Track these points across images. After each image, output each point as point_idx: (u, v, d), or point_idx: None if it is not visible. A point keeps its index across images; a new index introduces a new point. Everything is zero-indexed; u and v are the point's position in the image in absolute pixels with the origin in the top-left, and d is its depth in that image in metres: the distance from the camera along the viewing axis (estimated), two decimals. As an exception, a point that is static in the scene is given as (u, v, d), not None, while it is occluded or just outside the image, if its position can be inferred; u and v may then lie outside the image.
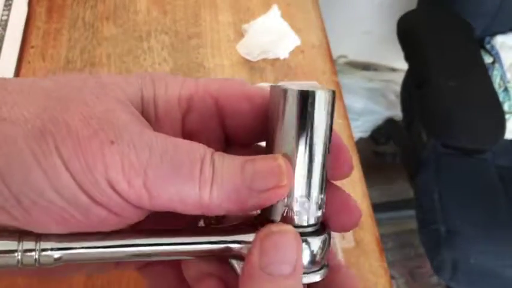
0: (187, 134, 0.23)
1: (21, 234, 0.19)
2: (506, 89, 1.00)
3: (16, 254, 0.18)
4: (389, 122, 1.42)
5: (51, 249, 0.19)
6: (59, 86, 0.20)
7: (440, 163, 0.96)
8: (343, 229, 0.23)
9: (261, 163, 0.20)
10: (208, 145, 0.20)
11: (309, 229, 0.21)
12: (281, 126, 0.20)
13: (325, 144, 0.20)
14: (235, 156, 0.20)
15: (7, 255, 0.18)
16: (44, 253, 0.19)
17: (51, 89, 0.19)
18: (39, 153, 0.17)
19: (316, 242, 0.21)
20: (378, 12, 1.36)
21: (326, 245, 0.21)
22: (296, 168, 0.20)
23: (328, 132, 0.21)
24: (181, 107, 0.22)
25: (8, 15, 0.63)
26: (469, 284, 0.93)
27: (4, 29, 0.62)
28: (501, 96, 0.98)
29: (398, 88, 1.27)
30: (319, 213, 0.21)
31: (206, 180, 0.19)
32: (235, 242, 0.21)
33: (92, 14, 0.66)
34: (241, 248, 0.21)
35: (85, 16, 0.66)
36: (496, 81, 1.01)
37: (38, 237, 0.19)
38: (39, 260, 0.19)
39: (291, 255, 0.19)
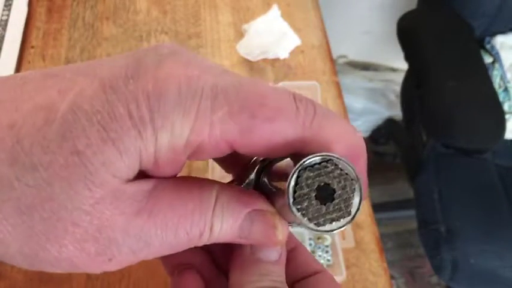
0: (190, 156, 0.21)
1: None
2: (506, 89, 1.00)
3: None
4: (389, 122, 1.42)
5: None
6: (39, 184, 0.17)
7: (440, 163, 0.96)
8: None
9: (259, 227, 0.20)
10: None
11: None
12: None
13: None
14: (237, 203, 0.20)
15: None
16: None
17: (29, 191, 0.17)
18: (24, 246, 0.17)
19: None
20: (377, 12, 1.36)
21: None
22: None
23: None
24: (187, 151, 0.19)
25: (8, 15, 0.63)
26: (468, 284, 0.93)
27: (4, 29, 0.62)
28: (501, 96, 0.98)
29: (398, 88, 1.27)
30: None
31: (203, 241, 0.20)
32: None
33: (92, 14, 0.66)
34: None
35: (85, 16, 0.66)
36: (496, 81, 1.01)
37: None
38: None
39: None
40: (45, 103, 0.17)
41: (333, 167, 0.18)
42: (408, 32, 0.99)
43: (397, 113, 1.37)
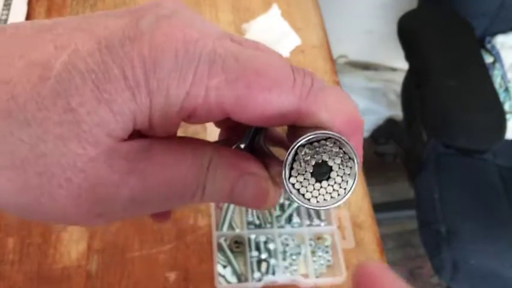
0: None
1: None
2: (506, 89, 1.00)
3: None
4: (390, 121, 1.42)
5: None
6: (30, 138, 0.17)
7: (441, 163, 0.96)
8: None
9: (250, 191, 0.20)
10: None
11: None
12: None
13: None
14: (230, 165, 0.20)
15: None
16: None
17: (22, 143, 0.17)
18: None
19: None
20: (378, 12, 1.36)
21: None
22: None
23: None
24: (181, 115, 0.19)
25: (7, 15, 0.63)
26: (469, 284, 0.93)
27: (3, 28, 0.61)
28: (502, 96, 0.98)
29: (398, 88, 1.27)
30: None
31: (195, 201, 0.20)
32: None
33: (92, 13, 0.66)
34: None
35: (85, 15, 0.66)
36: (497, 81, 1.00)
37: None
38: None
39: None
40: (40, 59, 0.17)
41: (331, 145, 0.18)
42: (409, 31, 0.99)
43: (397, 112, 1.36)
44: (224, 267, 0.52)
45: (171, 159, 0.19)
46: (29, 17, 0.64)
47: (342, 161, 0.18)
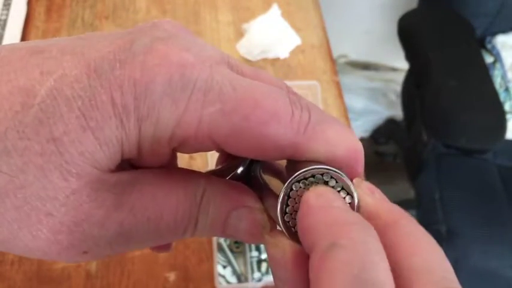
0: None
1: None
2: (507, 89, 1.00)
3: None
4: (390, 121, 1.42)
5: None
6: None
7: (441, 163, 0.96)
8: None
9: (244, 225, 0.19)
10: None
11: None
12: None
13: None
14: (224, 196, 0.19)
15: None
16: None
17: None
18: None
19: None
20: (378, 11, 1.36)
21: None
22: None
23: None
24: (172, 144, 0.18)
25: (7, 15, 0.63)
26: (469, 284, 0.93)
27: (3, 28, 0.61)
28: (502, 96, 0.98)
29: (398, 88, 1.27)
30: None
31: (187, 236, 0.19)
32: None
33: (91, 14, 0.66)
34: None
35: (84, 15, 0.66)
36: (497, 81, 1.00)
37: None
38: None
39: None
40: (24, 86, 0.16)
41: (328, 180, 0.17)
42: (409, 31, 0.99)
43: (397, 112, 1.36)
44: (224, 267, 0.52)
45: (162, 192, 0.18)
46: (28, 17, 0.64)
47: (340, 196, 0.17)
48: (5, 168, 0.15)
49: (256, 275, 0.51)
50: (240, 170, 0.22)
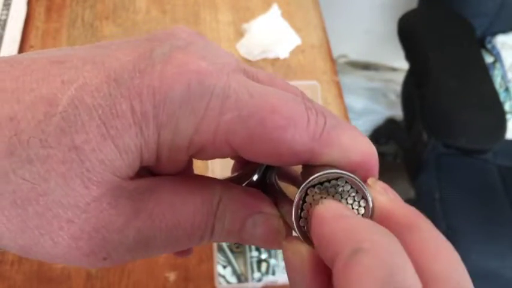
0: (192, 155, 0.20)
1: None
2: (507, 89, 1.00)
3: None
4: (390, 121, 1.42)
5: None
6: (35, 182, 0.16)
7: (441, 163, 0.96)
8: None
9: (260, 231, 0.19)
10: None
11: None
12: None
13: None
14: (240, 204, 0.19)
15: None
16: None
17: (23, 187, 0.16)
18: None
19: None
20: (378, 11, 1.36)
21: None
22: None
23: None
24: (190, 152, 0.18)
25: (7, 15, 0.63)
26: (469, 284, 0.92)
27: (3, 28, 0.61)
28: (502, 96, 0.98)
29: (398, 88, 1.27)
30: None
31: (204, 242, 0.19)
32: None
33: (91, 14, 0.66)
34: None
35: (84, 15, 0.66)
36: (497, 81, 1.00)
37: None
38: None
39: None
40: (47, 95, 0.16)
41: (343, 184, 0.17)
42: (409, 31, 0.99)
43: (397, 112, 1.36)
44: (224, 267, 0.52)
45: (179, 199, 0.18)
46: (28, 17, 0.64)
47: (354, 200, 0.17)
48: (28, 176, 0.16)
49: (256, 275, 0.51)
50: (255, 177, 0.22)
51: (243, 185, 0.22)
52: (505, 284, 0.90)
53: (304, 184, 0.17)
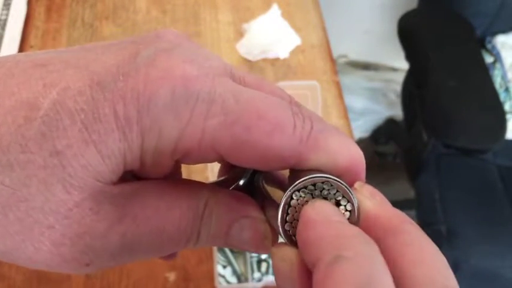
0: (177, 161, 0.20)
1: None
2: (507, 89, 1.00)
3: None
4: (390, 121, 1.42)
5: None
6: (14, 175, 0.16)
7: (441, 163, 0.96)
8: None
9: (247, 235, 0.19)
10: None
11: None
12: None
13: None
14: (227, 208, 0.19)
15: None
16: None
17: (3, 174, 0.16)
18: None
19: None
20: (378, 11, 1.36)
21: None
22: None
23: None
24: (174, 157, 0.18)
25: (7, 15, 0.63)
26: (469, 284, 0.93)
27: (3, 28, 0.61)
28: (502, 96, 0.98)
29: (398, 88, 1.27)
30: None
31: (190, 247, 0.19)
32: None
33: (92, 14, 0.66)
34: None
35: (84, 16, 0.66)
36: (497, 81, 1.00)
37: None
38: None
39: None
40: (27, 99, 0.16)
41: (328, 189, 0.17)
42: (409, 31, 0.99)
43: (397, 112, 1.36)
44: (224, 267, 0.52)
45: (165, 203, 0.18)
46: (28, 17, 0.64)
47: (339, 204, 0.17)
48: (8, 182, 0.16)
49: (256, 275, 0.51)
50: (242, 181, 0.22)
51: (230, 188, 0.22)
52: (505, 284, 0.90)
53: (290, 188, 0.17)
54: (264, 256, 0.52)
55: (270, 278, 0.51)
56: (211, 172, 0.56)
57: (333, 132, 0.18)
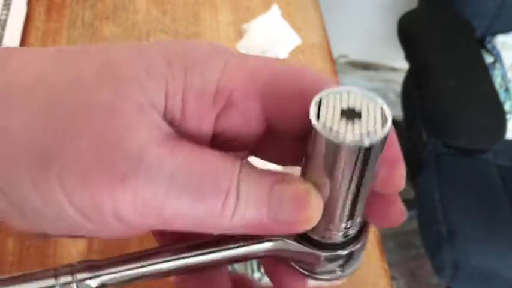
0: (218, 133, 0.19)
1: (56, 270, 0.19)
2: (507, 89, 1.00)
3: None
4: (390, 121, 1.42)
5: (90, 278, 0.19)
6: (65, 81, 0.17)
7: (441, 163, 0.96)
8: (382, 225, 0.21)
9: (289, 192, 0.18)
10: (241, 146, 0.20)
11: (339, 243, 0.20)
12: (319, 163, 0.17)
13: (365, 185, 0.18)
14: (263, 173, 0.18)
15: None
16: (82, 283, 0.19)
17: (56, 86, 0.16)
18: (38, 178, 0.16)
19: (342, 255, 0.20)
20: (378, 11, 1.36)
21: (354, 256, 0.20)
22: (329, 203, 0.18)
23: (370, 175, 0.18)
24: (217, 103, 0.18)
25: (7, 15, 0.63)
26: (469, 284, 0.93)
27: (3, 28, 0.61)
28: (502, 96, 0.98)
29: (398, 88, 1.27)
30: (351, 231, 0.20)
31: (229, 210, 0.17)
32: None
33: (92, 14, 0.66)
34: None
35: (84, 16, 0.66)
36: (497, 81, 1.00)
37: (74, 267, 0.19)
38: None
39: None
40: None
41: (355, 93, 0.17)
42: (409, 31, 0.99)
43: (397, 112, 1.36)
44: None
45: (200, 152, 0.17)
46: (28, 17, 0.64)
47: (369, 103, 0.17)
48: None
49: (256, 275, 0.51)
50: None
51: None
52: (505, 284, 0.90)
53: (319, 93, 0.17)
54: (264, 256, 0.52)
55: (270, 278, 0.51)
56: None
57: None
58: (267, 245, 0.19)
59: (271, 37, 0.66)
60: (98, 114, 0.16)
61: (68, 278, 0.18)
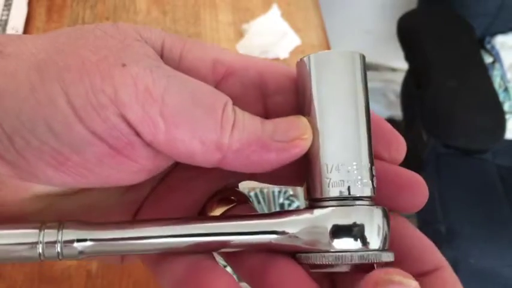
0: None
1: (42, 224, 0.17)
2: (506, 89, 1.00)
3: (38, 246, 0.16)
4: (390, 121, 1.41)
5: (77, 241, 0.17)
6: (71, 29, 0.18)
7: (441, 163, 0.96)
8: (405, 210, 0.20)
9: (282, 120, 0.18)
10: None
11: (366, 201, 0.19)
12: (305, 93, 0.19)
13: (355, 107, 0.20)
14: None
15: (27, 247, 0.16)
16: (67, 245, 0.17)
17: (62, 31, 0.17)
18: (36, 82, 0.15)
19: (379, 214, 0.19)
20: (378, 11, 1.36)
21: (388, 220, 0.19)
22: (326, 132, 0.18)
23: (358, 96, 0.20)
24: (217, 71, 0.18)
25: (7, 15, 0.63)
26: (469, 283, 0.93)
27: (4, 28, 0.61)
28: (501, 96, 0.98)
29: (398, 88, 1.27)
30: (372, 183, 0.19)
31: (228, 122, 0.17)
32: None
33: (92, 14, 0.66)
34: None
35: (85, 16, 0.66)
36: (496, 81, 1.00)
37: (61, 224, 0.17)
38: (62, 252, 0.17)
39: None
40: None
41: None
42: (408, 31, 0.99)
43: (397, 113, 1.37)
44: (224, 266, 0.52)
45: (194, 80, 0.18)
46: (29, 17, 0.64)
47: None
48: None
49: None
50: None
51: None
52: (504, 283, 0.90)
53: None
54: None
55: (270, 278, 0.51)
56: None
57: None
58: (272, 237, 0.18)
59: (271, 37, 0.66)
60: (99, 35, 0.17)
61: (53, 238, 0.17)
